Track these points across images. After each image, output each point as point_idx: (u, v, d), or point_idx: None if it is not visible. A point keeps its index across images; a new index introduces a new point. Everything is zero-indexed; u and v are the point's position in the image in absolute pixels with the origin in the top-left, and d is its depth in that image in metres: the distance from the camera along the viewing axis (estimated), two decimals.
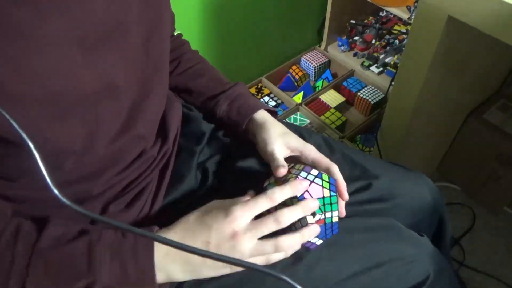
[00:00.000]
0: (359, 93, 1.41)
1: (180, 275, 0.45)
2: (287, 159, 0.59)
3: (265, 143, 0.59)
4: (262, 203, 0.46)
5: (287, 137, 0.60)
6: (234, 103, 0.65)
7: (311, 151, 0.58)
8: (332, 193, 0.50)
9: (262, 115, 0.64)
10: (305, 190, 0.48)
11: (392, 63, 1.46)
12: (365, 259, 0.57)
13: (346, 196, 0.55)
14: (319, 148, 0.68)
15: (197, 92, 0.68)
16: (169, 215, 0.58)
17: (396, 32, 1.52)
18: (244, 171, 0.65)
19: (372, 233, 0.59)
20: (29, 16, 0.36)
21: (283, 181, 0.51)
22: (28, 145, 0.31)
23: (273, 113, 0.67)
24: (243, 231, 0.44)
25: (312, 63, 1.51)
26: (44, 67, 0.38)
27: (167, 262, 0.44)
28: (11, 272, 0.39)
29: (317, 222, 0.49)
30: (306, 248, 0.52)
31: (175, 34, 0.73)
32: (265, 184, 0.54)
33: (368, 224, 0.60)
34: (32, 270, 0.40)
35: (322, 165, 0.57)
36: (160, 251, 0.43)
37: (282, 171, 0.53)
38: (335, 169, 0.56)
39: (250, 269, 0.31)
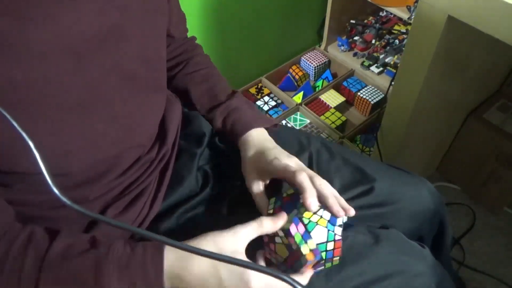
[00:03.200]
0: (359, 93, 1.41)
1: None
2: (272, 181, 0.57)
3: (245, 172, 0.58)
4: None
5: (260, 164, 0.56)
6: (228, 118, 0.64)
7: (283, 172, 0.52)
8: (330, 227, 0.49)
9: (248, 135, 0.61)
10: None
11: (392, 63, 1.46)
12: (367, 272, 0.56)
13: (312, 206, 0.48)
14: (319, 153, 0.67)
15: (196, 98, 0.67)
16: (169, 217, 0.58)
17: (396, 32, 1.52)
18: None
19: (375, 246, 0.59)
20: (9, 25, 0.35)
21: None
22: (28, 144, 0.31)
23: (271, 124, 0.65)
24: None
25: (312, 63, 1.51)
26: (26, 76, 0.37)
27: (175, 281, 0.43)
28: (21, 283, 0.39)
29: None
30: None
31: (189, 36, 0.72)
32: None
33: (370, 236, 0.60)
34: (42, 282, 0.40)
35: (295, 182, 0.51)
36: (168, 267, 0.42)
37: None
38: (301, 179, 0.49)
39: (252, 269, 0.31)
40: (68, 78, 0.40)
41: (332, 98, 1.43)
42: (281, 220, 0.47)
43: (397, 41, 1.50)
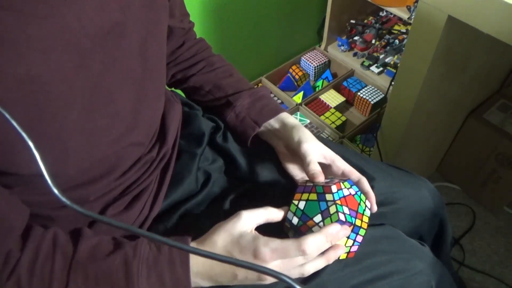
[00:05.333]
0: (359, 93, 1.41)
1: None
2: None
3: (299, 142, 0.59)
4: (293, 253, 0.44)
5: (320, 143, 0.60)
6: (258, 102, 0.66)
7: (343, 162, 0.58)
8: (366, 209, 0.52)
9: (292, 118, 0.65)
10: (340, 239, 0.48)
11: (392, 63, 1.46)
12: (368, 271, 0.56)
13: (375, 207, 0.56)
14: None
15: (225, 89, 0.68)
16: (170, 216, 0.58)
17: (396, 32, 1.53)
18: (248, 178, 0.64)
19: (376, 244, 0.59)
20: (12, 21, 0.35)
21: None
22: (28, 144, 0.31)
23: None
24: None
25: (312, 63, 1.52)
26: (30, 72, 0.37)
27: (198, 279, 0.45)
28: (52, 284, 0.40)
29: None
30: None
31: (197, 37, 0.74)
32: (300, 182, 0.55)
33: (371, 235, 0.59)
34: (72, 283, 0.41)
35: (353, 178, 0.57)
36: (194, 265, 0.44)
37: (320, 178, 0.54)
38: (365, 181, 0.57)
39: (253, 270, 0.31)
40: (72, 74, 0.40)
41: (332, 98, 1.43)
42: (285, 211, 0.50)
43: (397, 41, 1.50)
